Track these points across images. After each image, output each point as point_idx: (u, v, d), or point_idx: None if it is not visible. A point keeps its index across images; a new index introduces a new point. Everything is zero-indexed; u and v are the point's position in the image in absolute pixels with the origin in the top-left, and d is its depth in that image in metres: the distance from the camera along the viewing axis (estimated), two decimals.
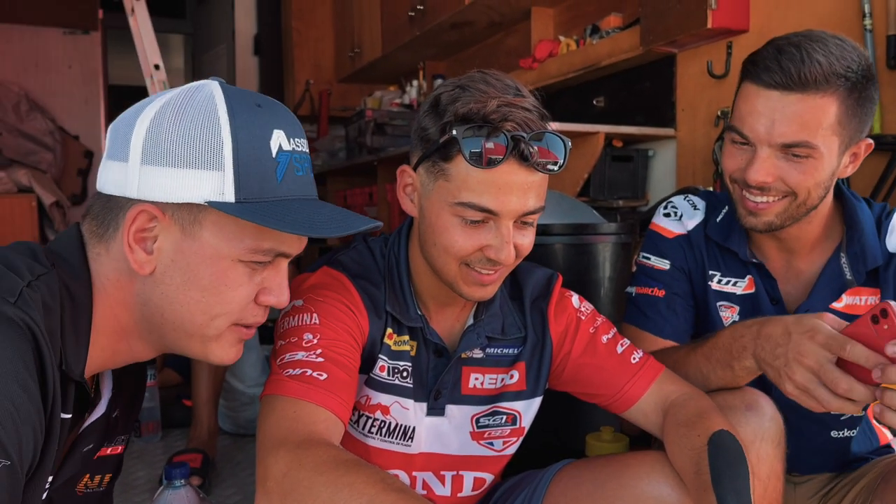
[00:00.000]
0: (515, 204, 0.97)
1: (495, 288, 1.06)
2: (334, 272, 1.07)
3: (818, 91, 1.06)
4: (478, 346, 1.12)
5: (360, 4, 4.40)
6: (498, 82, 0.99)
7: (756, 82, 1.10)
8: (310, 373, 0.93)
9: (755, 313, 1.23)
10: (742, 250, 1.25)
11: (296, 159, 0.82)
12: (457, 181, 0.97)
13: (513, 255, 1.00)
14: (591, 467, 1.11)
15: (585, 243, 1.81)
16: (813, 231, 1.21)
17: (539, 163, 0.96)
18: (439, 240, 1.01)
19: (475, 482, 1.16)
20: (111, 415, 0.89)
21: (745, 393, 1.08)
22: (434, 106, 1.00)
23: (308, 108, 4.82)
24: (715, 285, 1.29)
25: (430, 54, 4.07)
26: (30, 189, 3.17)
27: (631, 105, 2.77)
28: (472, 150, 0.93)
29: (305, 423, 0.88)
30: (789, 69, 1.06)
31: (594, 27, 2.84)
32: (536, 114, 0.98)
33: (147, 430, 2.40)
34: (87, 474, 0.90)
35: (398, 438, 1.10)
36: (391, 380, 1.08)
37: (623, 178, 2.63)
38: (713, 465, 0.91)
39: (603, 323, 1.18)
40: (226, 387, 2.35)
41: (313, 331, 0.97)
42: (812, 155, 1.09)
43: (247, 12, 5.05)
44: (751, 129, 1.11)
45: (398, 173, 1.07)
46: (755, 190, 1.13)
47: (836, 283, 1.20)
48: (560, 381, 1.19)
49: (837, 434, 1.28)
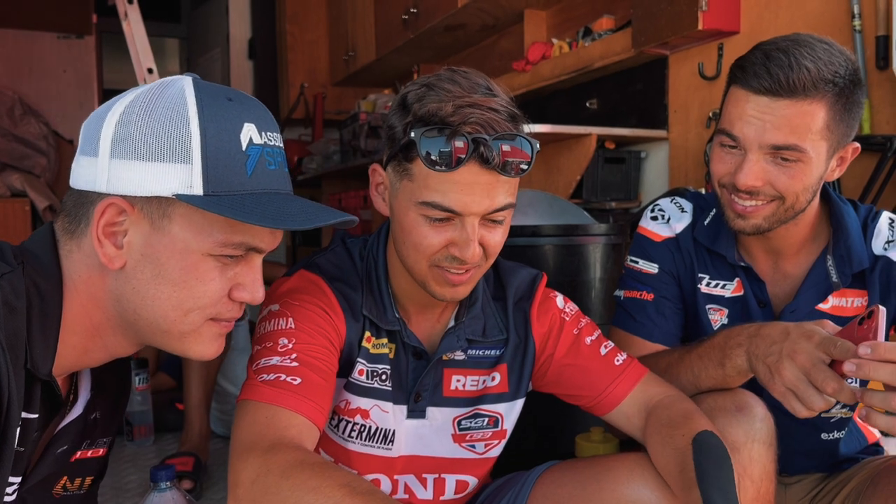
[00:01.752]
0: (479, 204, 0.95)
1: (468, 289, 1.04)
2: (311, 275, 1.07)
3: (807, 97, 1.07)
4: (458, 348, 1.11)
5: (353, 8, 4.41)
6: (465, 80, 0.97)
7: (745, 87, 1.11)
8: (284, 378, 0.92)
9: (743, 316, 1.25)
10: (730, 253, 1.25)
11: (267, 153, 0.81)
12: (419, 181, 0.96)
13: (478, 253, 0.98)
14: (573, 469, 1.10)
15: (576, 244, 1.81)
16: (799, 233, 1.21)
17: (502, 165, 0.93)
18: (407, 238, 1.00)
19: (458, 485, 1.15)
20: (90, 416, 0.89)
21: (735, 394, 1.08)
22: (401, 104, 0.99)
23: (303, 112, 4.82)
24: (704, 288, 1.29)
25: (424, 57, 4.07)
26: (23, 193, 3.17)
27: (623, 107, 2.78)
28: (429, 153, 0.92)
29: (276, 428, 0.87)
30: (778, 75, 1.06)
31: (587, 29, 2.85)
32: (505, 114, 0.95)
33: (139, 433, 2.39)
34: (65, 476, 0.88)
35: (378, 442, 1.09)
36: (370, 383, 1.08)
37: (616, 180, 2.63)
38: (698, 464, 0.90)
39: (587, 324, 1.18)
40: (217, 389, 2.34)
41: (288, 335, 0.97)
42: (801, 159, 1.09)
43: (241, 16, 5.05)
44: (741, 133, 1.11)
45: (370, 172, 1.06)
46: (744, 194, 1.13)
47: (823, 286, 1.21)
48: (543, 383, 1.18)
49: (827, 436, 1.29)
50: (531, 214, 1.86)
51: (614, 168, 2.62)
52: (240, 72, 5.06)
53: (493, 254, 1.02)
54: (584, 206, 2.49)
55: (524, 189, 2.65)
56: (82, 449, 0.90)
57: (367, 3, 4.19)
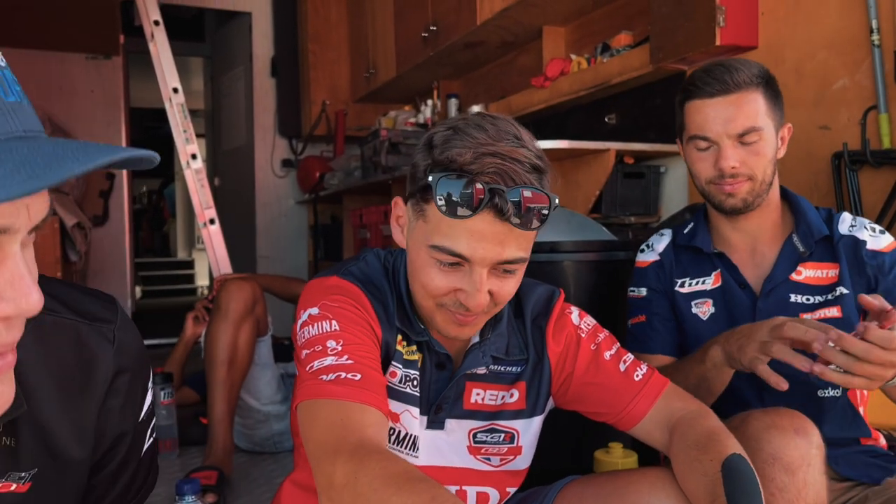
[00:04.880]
0: (489, 252, 0.95)
1: (473, 329, 1.05)
2: (345, 282, 1.08)
3: (748, 88, 1.35)
4: (482, 364, 1.12)
5: (374, 26, 4.47)
6: (493, 128, 0.96)
7: (700, 96, 1.38)
8: (344, 375, 0.93)
9: (728, 300, 1.45)
10: (706, 244, 1.48)
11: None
12: (432, 224, 0.97)
13: (484, 302, 0.98)
14: (595, 483, 1.11)
15: (595, 260, 1.82)
16: (770, 216, 1.45)
17: (516, 218, 0.92)
18: (417, 276, 1.02)
19: (479, 497, 1.15)
20: None
21: (794, 416, 1.11)
22: (427, 144, 1.00)
23: (324, 129, 4.88)
24: (684, 289, 1.50)
25: (443, 74, 4.11)
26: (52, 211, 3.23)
27: (642, 122, 2.79)
28: (444, 199, 0.92)
29: (355, 427, 0.89)
30: (724, 79, 1.35)
31: (605, 45, 2.86)
32: (528, 165, 0.94)
33: (164, 447, 2.43)
34: None
35: (407, 448, 1.10)
36: (403, 388, 1.09)
37: (635, 195, 2.64)
38: (729, 493, 0.90)
39: (605, 338, 1.18)
40: (241, 404, 2.37)
41: (335, 337, 0.98)
42: (761, 137, 1.36)
43: (264, 35, 5.13)
44: (710, 131, 1.37)
45: (392, 204, 1.08)
46: (728, 178, 1.37)
47: (792, 257, 1.42)
48: (565, 401, 1.19)
49: (823, 393, 1.38)
50: (549, 230, 1.86)
51: (633, 183, 2.63)
52: (263, 90, 5.13)
53: (501, 302, 1.02)
54: (603, 221, 2.50)
55: None
56: None
57: (388, 22, 4.24)
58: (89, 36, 3.90)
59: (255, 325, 2.28)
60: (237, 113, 5.45)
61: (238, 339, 2.20)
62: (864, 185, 1.99)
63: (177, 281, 9.58)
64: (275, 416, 2.46)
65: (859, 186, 1.99)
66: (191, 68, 7.16)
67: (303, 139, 5.11)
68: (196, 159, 3.40)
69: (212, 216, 3.36)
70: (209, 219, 3.36)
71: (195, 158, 3.40)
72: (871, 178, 1.97)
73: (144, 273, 9.08)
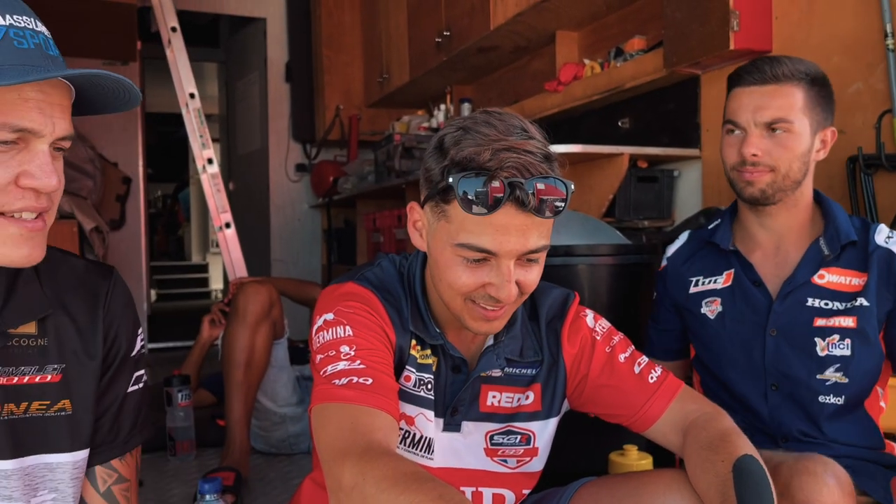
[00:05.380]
0: (514, 244, 0.98)
1: (502, 323, 1.07)
2: (360, 287, 1.10)
3: (788, 82, 1.37)
4: (497, 366, 1.14)
5: (388, 31, 4.49)
6: (501, 123, 1.00)
7: (740, 84, 1.42)
8: (356, 380, 0.96)
9: (739, 297, 1.46)
10: (724, 241, 1.50)
11: (15, 32, 0.81)
12: (456, 223, 0.99)
13: (514, 293, 1.00)
14: (610, 485, 1.12)
15: (608, 264, 1.83)
16: (798, 216, 1.45)
17: (537, 207, 0.96)
18: (444, 276, 1.03)
19: (494, 499, 1.17)
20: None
21: (826, 463, 1.12)
22: (438, 147, 1.02)
23: (338, 133, 4.91)
24: (695, 288, 1.53)
25: (457, 78, 4.13)
26: (71, 215, 3.26)
27: (656, 126, 2.79)
28: (467, 197, 0.95)
29: (364, 431, 0.91)
30: (764, 69, 1.38)
31: (618, 50, 2.87)
32: (540, 156, 0.97)
33: (182, 449, 2.46)
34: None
35: (421, 450, 1.12)
36: (417, 391, 1.11)
37: (648, 199, 2.64)
38: (739, 493, 0.91)
39: (620, 341, 1.19)
40: (257, 406, 2.40)
41: (348, 343, 1.01)
42: (790, 130, 1.37)
43: (278, 41, 5.17)
44: (740, 117, 1.40)
45: (408, 210, 1.10)
46: (749, 166, 1.39)
47: (816, 260, 1.41)
48: (580, 403, 1.20)
49: (825, 399, 1.38)
50: (564, 234, 1.88)
51: (647, 187, 2.64)
52: (277, 94, 5.17)
53: (527, 291, 1.05)
54: (617, 225, 2.51)
55: None
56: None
57: (401, 27, 4.27)
58: (108, 42, 3.94)
59: (272, 327, 2.31)
60: (252, 117, 5.50)
61: (255, 342, 2.23)
62: (879, 188, 1.98)
63: (191, 284, 9.64)
64: (291, 418, 2.48)
65: (874, 190, 1.98)
66: (205, 73, 7.22)
67: (317, 144, 5.14)
68: (212, 164, 3.44)
69: (227, 220, 3.40)
70: (225, 223, 3.40)
71: (211, 163, 3.44)
72: (886, 181, 1.97)
73: (159, 276, 9.15)
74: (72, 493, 0.95)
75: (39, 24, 0.85)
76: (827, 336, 1.37)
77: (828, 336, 1.37)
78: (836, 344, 1.36)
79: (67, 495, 0.95)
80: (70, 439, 0.94)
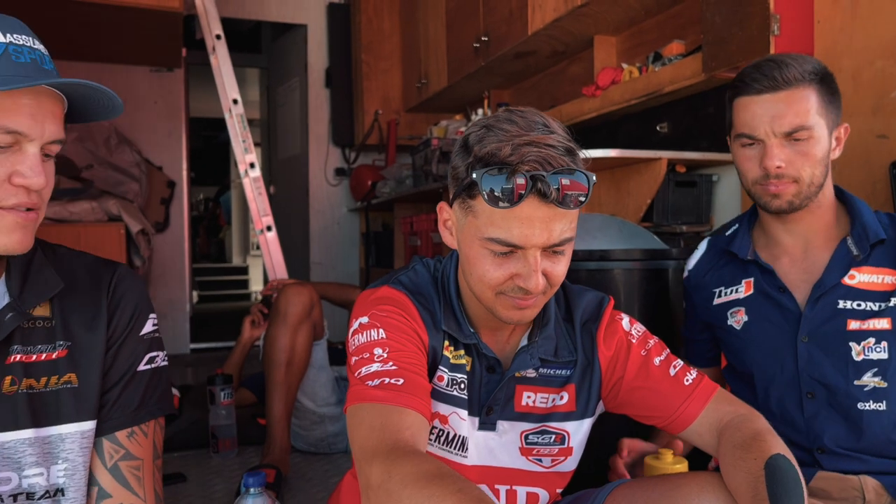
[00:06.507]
0: (539, 237, 1.00)
1: (534, 312, 1.09)
2: (395, 291, 1.14)
3: (799, 85, 1.31)
4: (531, 366, 1.16)
5: (426, 37, 4.54)
6: (522, 120, 1.02)
7: (748, 93, 1.34)
8: (388, 381, 1.00)
9: (764, 305, 1.43)
10: (742, 250, 1.46)
11: (14, 49, 0.92)
12: (482, 218, 1.02)
13: (541, 283, 1.03)
14: (644, 486, 1.13)
15: (646, 268, 1.83)
16: (823, 218, 1.41)
17: (560, 199, 0.98)
18: (474, 270, 1.06)
19: (528, 497, 1.19)
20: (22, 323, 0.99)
21: None
22: (463, 146, 1.06)
23: (377, 138, 4.96)
24: (719, 300, 1.50)
25: (494, 83, 4.15)
26: (119, 218, 3.37)
27: (694, 131, 2.78)
28: (491, 192, 0.98)
29: (392, 430, 0.94)
30: (773, 74, 1.31)
31: (656, 54, 2.87)
32: (562, 149, 1.00)
33: (224, 446, 2.52)
34: (9, 377, 0.99)
35: (456, 448, 1.15)
36: (450, 390, 1.14)
37: (687, 204, 2.63)
38: (771, 491, 0.92)
39: (655, 344, 1.21)
40: (297, 406, 2.44)
41: (381, 345, 1.05)
42: (811, 136, 1.32)
43: (319, 47, 5.25)
44: (757, 129, 1.34)
45: (438, 210, 1.14)
46: (773, 179, 1.34)
47: (845, 261, 1.37)
48: (616, 405, 1.22)
49: (864, 405, 1.33)
50: (601, 238, 1.89)
51: (685, 192, 2.63)
52: (317, 99, 5.25)
53: (555, 283, 1.07)
54: (655, 229, 2.50)
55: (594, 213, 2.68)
56: (11, 355, 1.00)
57: (440, 32, 4.31)
58: (154, 50, 4.04)
59: (312, 328, 2.35)
60: (292, 122, 5.59)
61: (296, 342, 2.28)
62: None
63: (231, 287, 9.80)
64: (329, 418, 2.53)
65: None
66: (247, 79, 7.35)
67: (355, 148, 5.20)
68: (254, 168, 3.51)
69: (269, 223, 3.47)
70: (266, 226, 3.46)
71: (253, 167, 3.51)
72: None
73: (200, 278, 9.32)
74: (82, 463, 1.03)
75: (37, 42, 0.96)
76: (862, 340, 1.33)
77: (863, 340, 1.33)
78: (871, 347, 1.33)
79: (78, 465, 1.03)
80: (76, 410, 1.03)
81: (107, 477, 1.06)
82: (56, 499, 1.01)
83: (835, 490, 1.33)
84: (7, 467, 0.97)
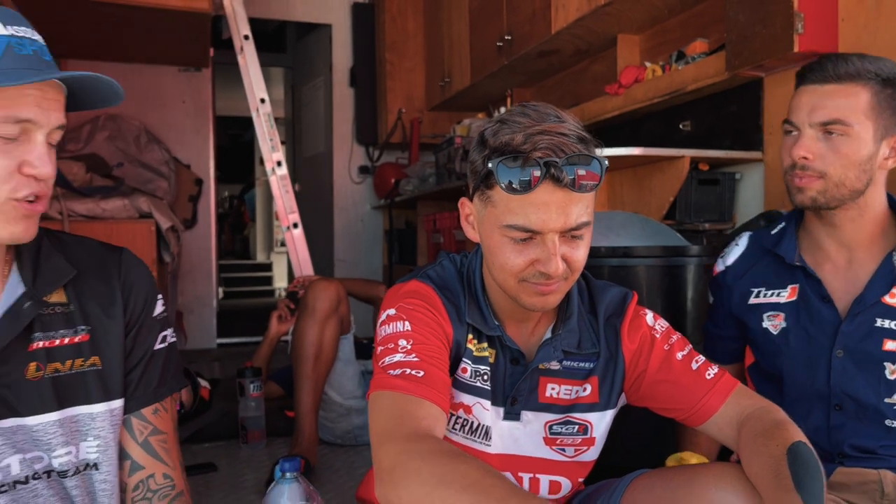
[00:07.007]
0: (556, 221, 1.04)
1: (557, 298, 1.13)
2: (422, 284, 1.19)
3: (851, 81, 1.28)
4: (554, 358, 1.19)
5: (450, 36, 4.57)
6: (535, 112, 1.07)
7: (803, 83, 1.34)
8: (409, 371, 1.04)
9: (805, 315, 1.39)
10: (789, 254, 1.41)
11: (16, 42, 0.94)
12: (500, 206, 1.07)
13: (561, 267, 1.06)
14: (664, 476, 1.16)
15: (668, 265, 1.86)
16: (867, 226, 1.36)
17: (573, 183, 1.02)
18: (496, 259, 1.11)
19: (551, 486, 1.22)
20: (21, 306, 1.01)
21: None
22: (479, 141, 1.11)
23: (400, 136, 5.01)
24: (756, 300, 1.46)
25: (517, 82, 4.18)
26: (149, 215, 3.44)
27: (717, 129, 2.79)
28: (506, 180, 1.02)
29: (411, 418, 0.98)
30: (827, 66, 1.30)
31: (680, 53, 2.88)
32: (574, 137, 1.04)
33: (253, 437, 2.58)
34: (34, 363, 1.02)
35: (480, 437, 1.19)
36: (473, 382, 1.18)
37: (709, 201, 2.64)
38: (794, 472, 0.94)
39: (678, 340, 1.23)
40: (324, 398, 2.50)
41: (406, 337, 1.09)
42: (847, 133, 1.28)
43: (343, 46, 5.31)
44: (796, 116, 1.34)
45: (459, 205, 1.18)
46: (798, 170, 1.33)
47: (889, 277, 1.32)
48: (637, 398, 1.25)
49: (891, 423, 1.33)
50: (624, 236, 1.92)
51: (708, 190, 2.64)
52: (342, 98, 5.31)
53: (576, 269, 1.10)
54: (677, 227, 2.52)
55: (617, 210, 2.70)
56: (36, 342, 1.03)
57: (463, 32, 4.34)
58: (182, 50, 4.11)
59: (339, 323, 2.41)
60: (317, 121, 5.65)
61: (324, 336, 2.33)
62: None
63: (256, 283, 9.91)
64: (356, 411, 2.58)
65: None
66: (272, 78, 7.42)
67: (379, 146, 5.26)
68: (281, 166, 3.57)
69: (295, 220, 3.52)
70: (293, 223, 3.52)
71: (280, 165, 3.57)
72: None
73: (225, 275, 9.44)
74: (112, 438, 1.09)
75: (36, 34, 0.98)
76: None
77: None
78: None
79: (110, 441, 1.08)
80: (102, 391, 1.08)
81: (139, 451, 1.12)
82: (87, 473, 1.07)
83: (853, 483, 1.35)
84: (37, 448, 1.02)
